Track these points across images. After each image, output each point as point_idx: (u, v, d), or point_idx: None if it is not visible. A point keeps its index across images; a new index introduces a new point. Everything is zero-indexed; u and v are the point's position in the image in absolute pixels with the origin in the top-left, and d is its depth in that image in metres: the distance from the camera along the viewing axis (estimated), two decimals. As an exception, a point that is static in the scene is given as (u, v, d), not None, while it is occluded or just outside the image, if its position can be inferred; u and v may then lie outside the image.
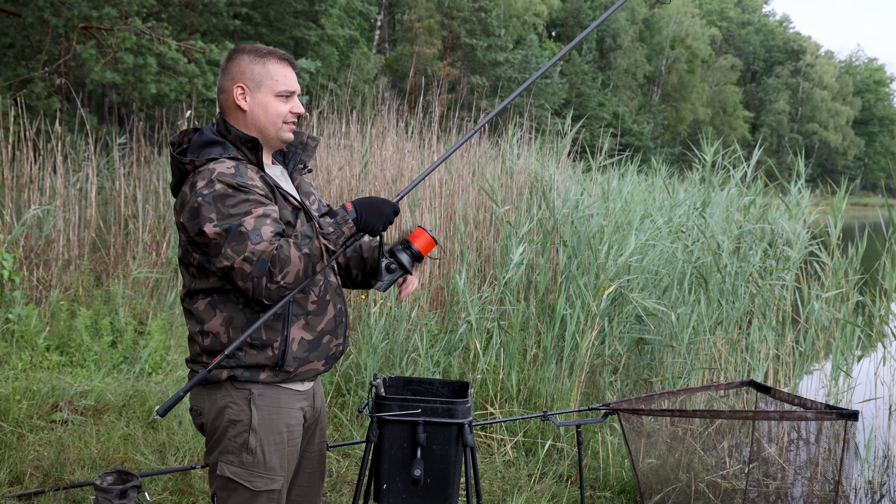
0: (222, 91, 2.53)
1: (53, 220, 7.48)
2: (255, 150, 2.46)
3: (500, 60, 40.92)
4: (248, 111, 2.49)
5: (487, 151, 9.40)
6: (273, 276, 2.24)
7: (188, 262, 2.45)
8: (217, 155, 2.41)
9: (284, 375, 2.44)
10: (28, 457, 4.44)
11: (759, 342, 6.19)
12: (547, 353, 5.73)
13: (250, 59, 2.50)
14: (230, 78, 2.50)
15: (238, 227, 2.27)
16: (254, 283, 2.26)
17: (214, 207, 2.29)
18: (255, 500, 2.43)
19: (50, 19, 11.99)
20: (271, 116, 2.49)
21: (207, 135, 2.48)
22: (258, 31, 24.86)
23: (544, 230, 6.94)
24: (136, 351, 6.11)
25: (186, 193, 2.37)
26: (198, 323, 2.44)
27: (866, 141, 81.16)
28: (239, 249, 2.26)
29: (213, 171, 2.35)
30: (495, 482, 4.68)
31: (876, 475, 5.37)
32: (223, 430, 2.43)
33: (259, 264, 2.24)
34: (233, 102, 2.49)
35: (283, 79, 2.52)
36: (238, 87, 2.48)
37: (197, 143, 2.47)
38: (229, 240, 2.27)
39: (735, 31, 78.53)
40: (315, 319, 2.49)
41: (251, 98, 2.49)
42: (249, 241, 2.26)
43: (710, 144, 8.07)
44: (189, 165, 2.41)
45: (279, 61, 2.53)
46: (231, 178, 2.33)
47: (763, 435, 5.17)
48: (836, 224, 6.40)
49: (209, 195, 2.30)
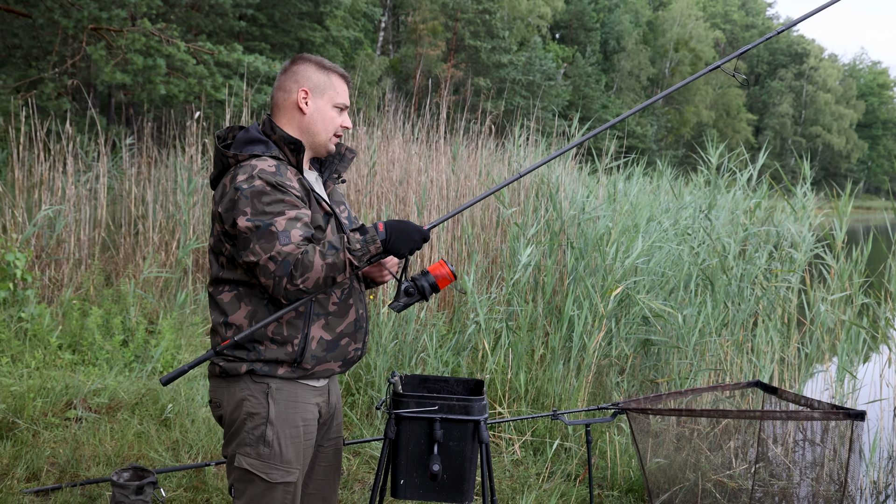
0: (283, 90, 2.63)
1: (64, 220, 7.55)
2: (297, 152, 2.56)
3: (504, 62, 41.01)
4: (307, 114, 2.61)
5: (494, 153, 9.46)
6: (294, 279, 2.32)
7: (219, 252, 2.52)
8: (260, 152, 2.50)
9: (302, 372, 2.51)
10: (44, 453, 4.50)
11: (765, 344, 6.23)
12: (555, 353, 5.78)
13: (316, 67, 2.63)
14: (295, 80, 2.62)
15: (269, 226, 2.35)
16: (275, 281, 2.34)
17: (250, 202, 2.38)
18: (271, 491, 2.49)
19: (60, 20, 12.06)
20: (327, 124, 2.63)
21: (252, 133, 2.58)
22: (263, 33, 24.96)
23: (551, 232, 6.99)
24: (147, 350, 6.17)
25: (226, 185, 2.46)
26: (221, 314, 2.51)
27: (870, 144, 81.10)
28: (267, 247, 2.34)
29: (254, 167, 2.43)
30: (504, 481, 4.74)
31: (881, 476, 5.42)
32: (241, 423, 2.50)
33: (283, 265, 2.32)
34: (293, 103, 2.61)
35: (343, 93, 2.66)
36: (303, 90, 2.60)
37: (241, 139, 2.57)
38: (259, 236, 2.35)
39: (739, 34, 78.47)
40: (335, 321, 2.56)
41: (313, 103, 2.61)
42: (278, 241, 2.34)
43: (714, 147, 8.11)
44: (232, 159, 2.51)
45: (340, 77, 2.67)
46: (271, 177, 2.41)
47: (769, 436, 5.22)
48: (841, 227, 6.44)
49: (248, 190, 2.39)
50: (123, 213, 8.73)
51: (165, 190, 8.88)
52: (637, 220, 6.89)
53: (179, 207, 8.29)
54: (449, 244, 7.69)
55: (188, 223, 8.01)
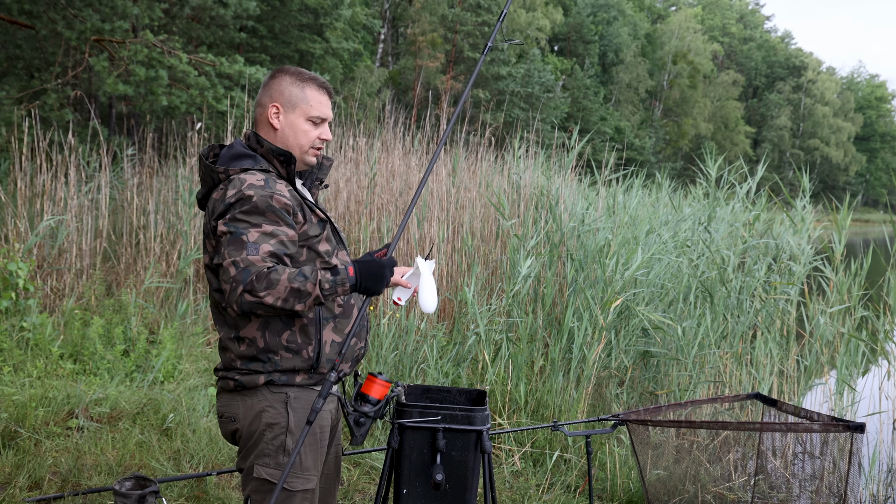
0: (259, 105, 2.62)
1: (66, 230, 7.57)
2: (288, 164, 2.55)
3: (503, 74, 41.11)
4: (278, 129, 2.58)
5: (493, 165, 9.50)
6: (255, 290, 2.30)
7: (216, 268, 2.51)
8: (249, 166, 2.50)
9: (318, 377, 2.53)
10: (46, 462, 4.51)
11: (764, 356, 6.25)
12: (554, 364, 5.80)
13: (291, 80, 2.60)
14: (268, 95, 2.60)
15: (241, 235, 2.35)
16: (231, 286, 2.32)
17: (230, 210, 2.39)
18: (290, 500, 2.50)
19: (63, 32, 12.11)
20: (299, 138, 2.60)
21: (238, 148, 2.56)
22: (264, 45, 25.04)
23: (551, 243, 7.01)
24: (148, 360, 6.18)
25: (216, 200, 2.46)
26: (232, 328, 2.51)
27: (868, 157, 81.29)
28: (233, 253, 2.34)
29: (243, 181, 2.42)
30: (504, 492, 4.75)
31: (880, 489, 5.43)
32: (260, 434, 2.49)
33: (244, 272, 2.31)
34: (266, 118, 2.59)
35: (318, 105, 2.61)
36: (274, 105, 2.58)
37: (226, 155, 2.55)
38: (229, 242, 2.36)
39: (737, 47, 78.78)
40: (343, 322, 2.58)
41: (283, 118, 2.58)
42: (245, 251, 2.33)
43: (713, 160, 8.15)
44: (222, 174, 2.49)
45: (318, 88, 2.61)
46: (259, 190, 2.40)
47: (768, 448, 5.24)
48: (840, 239, 6.46)
49: (233, 198, 2.39)
50: (125, 223, 8.75)
51: (167, 200, 8.91)
52: (636, 232, 6.92)
53: (181, 218, 8.31)
54: (449, 255, 7.72)
55: (189, 233, 8.04)
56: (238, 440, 2.57)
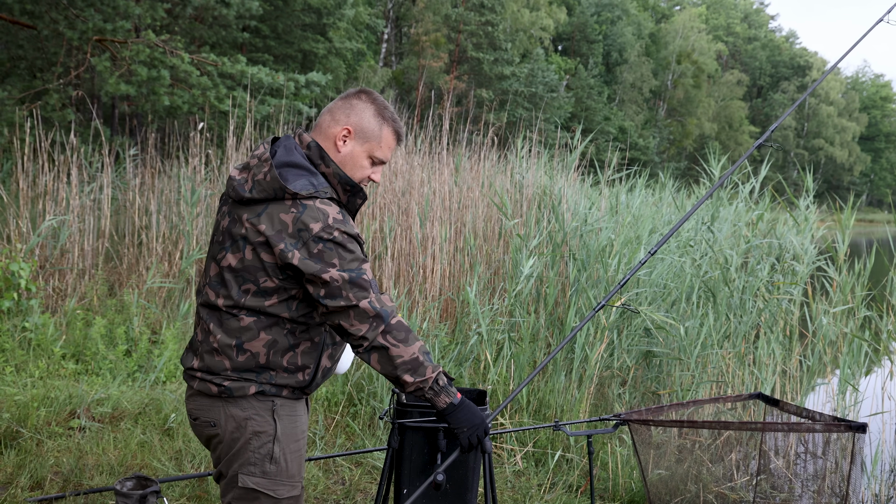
0: (333, 118, 2.53)
1: (68, 230, 7.57)
2: (354, 196, 2.52)
3: (507, 74, 41.08)
4: (340, 153, 2.51)
5: (496, 165, 9.49)
6: (392, 334, 2.38)
7: (248, 279, 2.41)
8: (313, 189, 2.39)
9: (301, 395, 2.52)
10: (48, 462, 4.51)
11: (767, 356, 6.24)
12: (557, 364, 5.79)
13: (374, 113, 2.52)
14: (346, 114, 2.51)
15: (361, 275, 2.37)
16: (370, 325, 2.36)
17: (337, 254, 2.35)
18: None
19: (65, 32, 12.12)
20: (355, 171, 2.53)
21: (297, 157, 2.45)
22: (267, 44, 25.04)
23: (554, 243, 7.01)
24: (150, 360, 6.19)
25: (288, 224, 2.35)
26: (234, 336, 2.43)
27: (872, 157, 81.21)
28: (362, 294, 2.36)
29: (326, 214, 2.36)
30: (506, 492, 4.74)
31: (883, 489, 5.41)
32: (245, 442, 2.45)
33: (383, 312, 2.37)
34: (333, 135, 2.51)
35: (386, 148, 2.56)
36: (346, 128, 2.50)
37: (283, 161, 2.43)
38: (352, 285, 2.35)
39: (741, 47, 78.71)
40: (336, 350, 2.59)
41: (351, 144, 2.51)
42: (371, 290, 2.38)
43: (717, 159, 8.13)
44: (289, 196, 2.37)
45: (393, 133, 2.56)
46: (342, 226, 2.37)
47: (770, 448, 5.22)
48: (843, 239, 6.45)
49: (329, 241, 2.34)
50: (127, 223, 8.75)
51: (169, 200, 8.91)
52: (639, 232, 6.91)
53: (183, 218, 8.32)
54: (451, 255, 7.71)
55: (191, 233, 8.04)
56: (215, 446, 2.52)
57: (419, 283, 7.44)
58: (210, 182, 9.16)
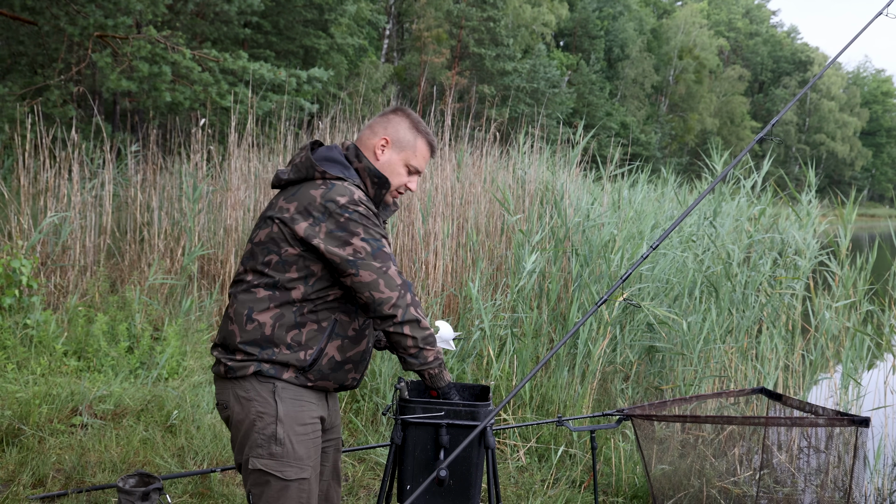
0: (371, 129, 2.76)
1: (70, 227, 7.56)
2: (381, 187, 2.70)
3: (509, 70, 41.06)
4: (379, 161, 2.73)
5: (498, 161, 9.47)
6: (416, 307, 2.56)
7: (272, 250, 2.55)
8: (341, 174, 2.62)
9: (304, 380, 2.56)
10: (50, 460, 4.51)
11: (770, 351, 6.23)
12: (559, 360, 5.78)
13: (409, 125, 2.75)
14: (384, 126, 2.75)
15: (382, 247, 2.54)
16: (399, 293, 2.52)
17: (362, 224, 2.52)
18: (286, 490, 2.52)
19: (66, 28, 12.10)
20: (392, 177, 2.74)
21: (335, 154, 2.69)
22: (268, 40, 25.01)
23: (556, 239, 6.99)
24: (152, 356, 6.18)
25: (314, 197, 2.52)
26: (246, 306, 2.55)
27: (874, 152, 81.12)
28: (385, 265, 2.53)
29: (352, 192, 2.54)
30: (509, 487, 4.74)
31: (885, 483, 5.40)
32: (250, 424, 2.53)
33: (405, 283, 2.55)
34: (373, 145, 2.73)
35: (421, 158, 2.78)
36: (385, 138, 2.73)
37: (322, 155, 2.67)
38: (375, 256, 2.51)
39: (743, 42, 78.59)
40: (349, 345, 2.63)
41: (388, 153, 2.73)
42: (392, 262, 2.55)
43: (719, 154, 8.11)
44: (319, 174, 2.59)
45: (427, 144, 2.78)
46: (368, 203, 2.57)
47: (773, 442, 5.22)
48: (845, 234, 6.44)
49: (354, 212, 2.51)
50: (128, 219, 8.75)
51: (171, 197, 8.90)
52: (642, 227, 6.89)
53: (185, 214, 8.31)
54: (454, 251, 7.70)
55: (193, 230, 8.03)
56: (232, 431, 2.62)
57: (422, 279, 7.44)
58: (212, 178, 9.15)
